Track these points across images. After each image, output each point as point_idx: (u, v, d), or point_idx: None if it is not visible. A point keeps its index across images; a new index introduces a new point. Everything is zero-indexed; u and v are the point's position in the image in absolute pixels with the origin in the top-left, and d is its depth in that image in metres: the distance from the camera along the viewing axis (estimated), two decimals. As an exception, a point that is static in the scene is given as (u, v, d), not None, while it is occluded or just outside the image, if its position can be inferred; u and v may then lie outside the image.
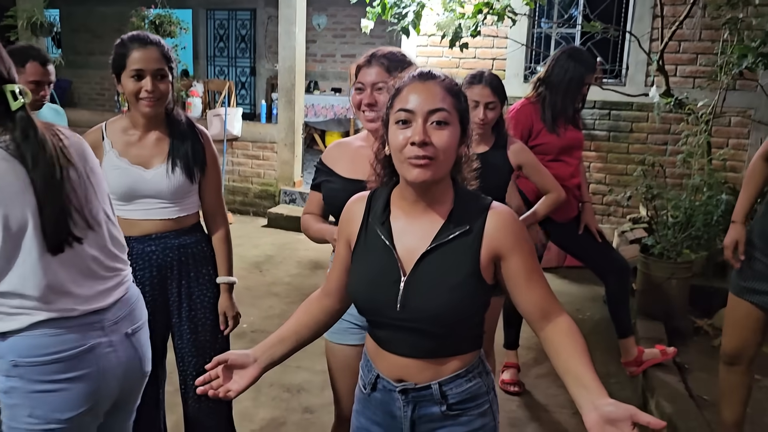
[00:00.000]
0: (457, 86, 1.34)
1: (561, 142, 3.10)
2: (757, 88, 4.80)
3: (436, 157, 1.28)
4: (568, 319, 1.33)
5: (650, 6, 5.14)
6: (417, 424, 1.41)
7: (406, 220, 1.38)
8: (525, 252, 1.33)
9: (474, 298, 1.33)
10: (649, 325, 3.71)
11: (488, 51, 5.63)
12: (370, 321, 1.45)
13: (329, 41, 9.17)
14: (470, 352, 1.40)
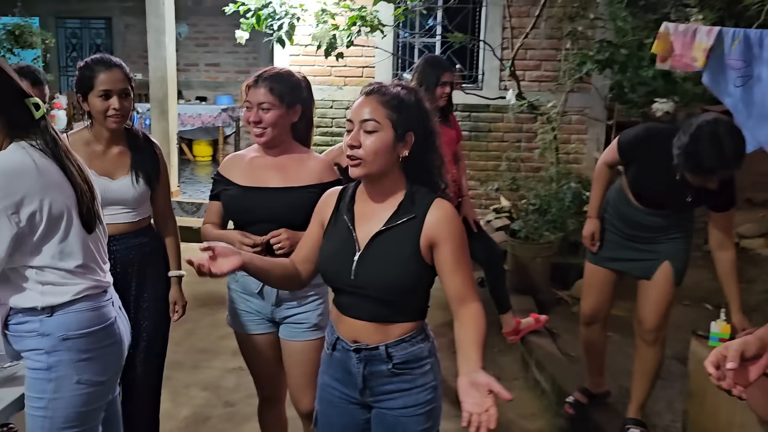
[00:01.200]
0: (396, 99, 1.60)
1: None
2: (592, 90, 5.56)
3: (364, 158, 1.58)
4: (478, 306, 1.63)
5: (500, 18, 5.75)
6: (368, 379, 1.69)
7: (365, 208, 1.68)
8: (456, 243, 1.61)
9: (414, 274, 1.62)
10: (520, 299, 4.24)
11: (358, 60, 5.99)
12: (333, 288, 1.74)
13: (192, 50, 9.11)
14: (413, 321, 1.69)
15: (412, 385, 1.68)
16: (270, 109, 2.12)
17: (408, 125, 1.61)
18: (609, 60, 4.31)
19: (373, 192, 1.67)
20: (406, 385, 1.68)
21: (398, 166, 1.64)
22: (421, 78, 3.39)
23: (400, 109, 1.60)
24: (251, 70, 9.15)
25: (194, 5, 8.83)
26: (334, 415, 1.78)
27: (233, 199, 2.18)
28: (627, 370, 3.36)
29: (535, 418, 3.23)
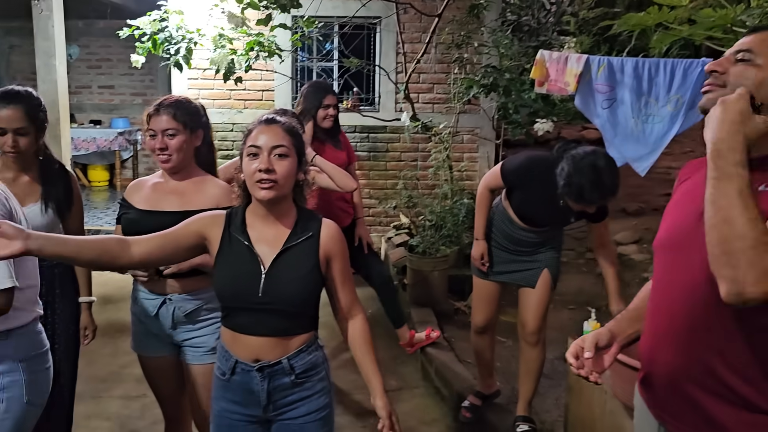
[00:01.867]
0: (294, 128, 1.80)
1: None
2: (481, 111, 5.91)
3: (278, 181, 1.72)
4: (363, 320, 1.88)
5: (394, 44, 6.02)
6: (272, 394, 1.79)
7: (260, 229, 1.80)
8: (344, 259, 1.83)
9: (314, 286, 1.80)
10: (420, 311, 4.44)
11: (258, 83, 6.07)
12: (231, 309, 1.80)
13: (84, 72, 8.84)
14: (310, 331, 1.84)
15: (312, 392, 1.82)
16: (175, 135, 2.22)
17: (302, 151, 1.80)
18: (493, 84, 4.63)
19: (271, 213, 1.79)
20: (307, 392, 1.81)
21: (291, 192, 1.80)
22: (305, 102, 3.62)
23: (297, 136, 1.78)
24: (148, 92, 9.00)
25: (86, 27, 8.60)
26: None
27: (130, 222, 2.25)
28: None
29: (436, 423, 3.40)
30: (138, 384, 3.72)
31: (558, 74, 3.90)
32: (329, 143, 3.70)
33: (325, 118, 3.61)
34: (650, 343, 1.49)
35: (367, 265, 3.83)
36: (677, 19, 3.08)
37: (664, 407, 1.46)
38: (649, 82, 3.64)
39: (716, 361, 1.32)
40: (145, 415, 3.39)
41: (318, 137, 3.64)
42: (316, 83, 3.82)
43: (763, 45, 1.32)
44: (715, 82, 1.36)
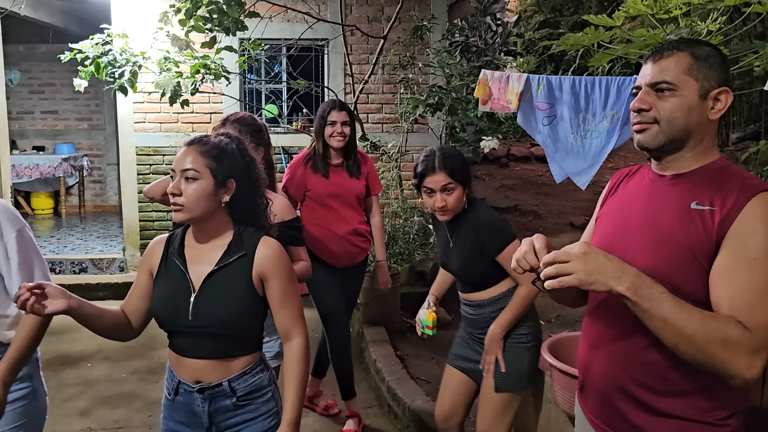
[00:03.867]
0: (216, 149, 1.72)
1: (328, 186, 3.28)
2: (429, 130, 6.00)
3: (185, 204, 1.70)
4: (301, 343, 1.77)
5: (342, 65, 6.07)
6: (214, 416, 1.77)
7: (195, 250, 1.78)
8: (284, 279, 1.74)
9: (249, 308, 1.74)
10: (373, 330, 4.43)
11: (206, 106, 6.04)
12: (169, 332, 1.80)
13: (25, 97, 8.63)
14: (252, 353, 1.80)
15: (256, 414, 1.78)
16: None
17: (229, 173, 1.73)
18: (439, 103, 4.72)
19: (201, 234, 1.78)
20: (250, 415, 1.78)
21: (223, 209, 1.76)
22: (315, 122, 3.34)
23: (220, 157, 1.72)
24: (93, 117, 8.85)
25: (27, 51, 8.42)
26: None
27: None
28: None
29: (390, 442, 3.40)
30: (82, 417, 3.63)
31: (500, 93, 3.99)
32: (341, 169, 3.33)
33: (332, 136, 3.24)
34: (586, 353, 1.54)
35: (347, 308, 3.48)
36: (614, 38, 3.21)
37: (598, 415, 1.50)
38: (586, 99, 3.76)
39: (639, 372, 1.38)
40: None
41: (327, 161, 3.29)
42: (328, 100, 3.41)
43: (679, 72, 1.37)
44: (644, 120, 1.40)
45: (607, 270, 1.22)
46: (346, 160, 3.35)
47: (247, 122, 2.40)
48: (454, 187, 2.26)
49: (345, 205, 3.34)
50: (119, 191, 8.43)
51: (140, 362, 4.44)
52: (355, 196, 3.38)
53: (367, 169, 3.47)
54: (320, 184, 3.28)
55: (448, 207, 2.27)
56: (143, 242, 6.23)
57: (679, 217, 1.35)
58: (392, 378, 3.68)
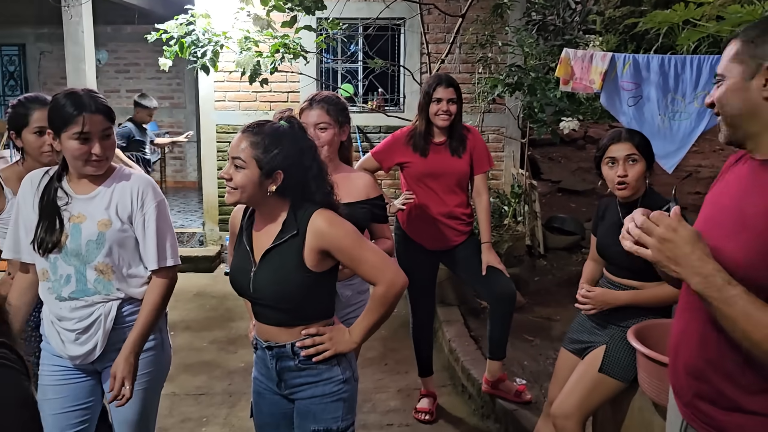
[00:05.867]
0: (266, 140, 1.74)
1: (425, 166, 3.14)
2: (506, 111, 5.90)
3: (236, 188, 1.75)
4: (379, 289, 1.79)
5: (418, 44, 6.03)
6: (281, 373, 1.88)
7: (260, 226, 1.86)
8: (345, 244, 1.76)
9: (302, 285, 1.77)
10: (447, 309, 4.44)
11: (283, 85, 6.13)
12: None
13: (112, 77, 9.00)
14: (317, 322, 1.84)
15: (318, 379, 1.85)
16: (326, 129, 2.37)
17: (275, 164, 1.74)
18: (518, 83, 4.62)
19: (260, 214, 1.85)
20: (313, 378, 1.86)
21: (276, 195, 1.78)
22: (421, 95, 3.20)
23: (268, 149, 1.74)
24: (175, 95, 9.14)
25: (114, 32, 8.75)
26: (263, 403, 1.98)
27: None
28: (548, 372, 3.59)
29: (462, 422, 3.41)
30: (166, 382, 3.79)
31: (583, 72, 3.88)
32: (444, 147, 3.15)
33: (437, 114, 3.07)
34: (676, 339, 1.51)
35: (485, 282, 3.21)
36: (704, 15, 3.05)
37: (685, 403, 1.47)
38: (676, 78, 3.61)
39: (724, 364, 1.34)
40: (174, 412, 3.46)
41: (428, 139, 3.13)
42: (434, 75, 3.23)
43: (726, 60, 1.37)
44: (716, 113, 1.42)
45: (682, 261, 1.22)
46: (450, 139, 3.14)
47: (333, 101, 2.43)
48: (637, 159, 2.24)
49: (443, 186, 3.17)
50: (198, 168, 8.72)
51: (219, 333, 4.61)
52: (457, 176, 3.17)
53: (473, 146, 3.20)
54: (418, 163, 3.13)
55: (629, 180, 2.24)
56: (222, 217, 6.42)
57: (766, 204, 1.28)
58: (466, 358, 3.68)
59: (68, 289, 1.95)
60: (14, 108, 2.32)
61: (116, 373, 1.95)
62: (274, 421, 1.96)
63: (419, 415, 3.37)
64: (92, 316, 1.96)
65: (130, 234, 1.99)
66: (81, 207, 1.96)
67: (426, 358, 3.46)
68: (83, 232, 1.93)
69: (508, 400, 3.24)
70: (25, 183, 2.02)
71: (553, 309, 4.65)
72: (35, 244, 1.93)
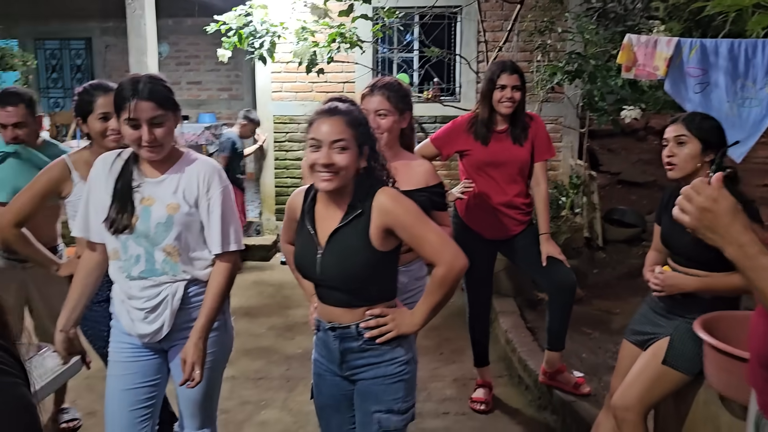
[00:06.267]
0: (354, 119, 1.77)
1: (486, 154, 3.09)
2: (564, 99, 5.78)
3: (338, 173, 1.75)
4: (439, 271, 1.78)
5: (475, 32, 5.97)
6: (344, 354, 1.89)
7: (322, 210, 1.87)
8: (406, 223, 1.77)
9: (369, 264, 1.79)
10: (503, 300, 4.40)
11: (339, 75, 6.17)
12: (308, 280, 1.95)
13: (173, 69, 9.23)
14: (382, 302, 1.86)
15: (381, 360, 1.86)
16: (386, 116, 2.38)
17: (363, 140, 1.79)
18: (578, 71, 4.53)
19: (327, 197, 1.85)
20: (375, 359, 1.86)
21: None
22: (483, 84, 3.14)
23: (357, 126, 1.77)
24: (233, 87, 9.32)
25: (175, 25, 8.97)
26: (323, 385, 2.00)
27: None
28: (606, 364, 3.53)
29: (518, 413, 3.38)
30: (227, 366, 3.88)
31: (646, 58, 3.77)
32: (506, 135, 3.09)
33: (500, 102, 3.01)
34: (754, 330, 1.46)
35: (545, 272, 3.15)
36: (777, -2, 2.92)
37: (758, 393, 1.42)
38: (746, 63, 3.47)
39: None
40: (234, 395, 3.53)
41: (490, 126, 3.07)
42: (497, 61, 3.18)
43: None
44: None
45: (721, 230, 1.21)
46: (512, 127, 3.08)
47: (394, 87, 2.43)
48: (685, 141, 2.18)
49: (504, 175, 3.11)
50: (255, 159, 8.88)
51: (277, 319, 4.68)
52: (518, 165, 3.11)
53: (535, 133, 3.13)
54: (479, 151, 3.09)
55: (676, 161, 2.20)
56: (278, 207, 6.52)
57: None
58: (523, 349, 3.64)
59: (138, 268, 2.01)
60: (80, 95, 2.40)
61: (186, 358, 2.00)
62: (335, 403, 1.98)
63: (475, 404, 3.36)
64: (160, 296, 2.02)
65: (196, 218, 2.04)
66: (151, 190, 2.01)
67: (482, 348, 3.44)
68: (153, 214, 1.99)
69: (566, 392, 3.18)
70: (98, 164, 2.08)
71: (613, 302, 4.55)
72: (107, 223, 1.99)
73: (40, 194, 2.39)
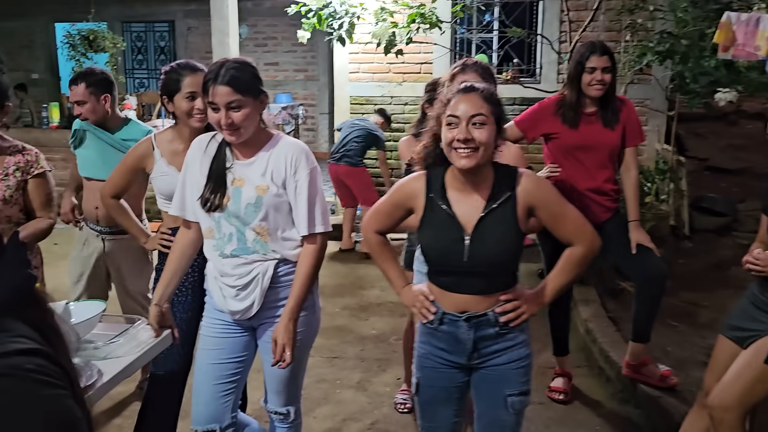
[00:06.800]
0: (491, 95, 1.78)
1: (575, 138, 2.96)
2: (652, 81, 5.53)
3: (477, 148, 1.74)
4: (578, 250, 1.84)
5: (558, 12, 5.77)
6: (477, 343, 1.86)
7: (460, 194, 1.83)
8: (549, 202, 1.82)
9: (516, 246, 1.82)
10: (583, 289, 4.27)
11: (416, 56, 6.10)
12: (437, 271, 1.89)
13: (251, 50, 9.38)
14: (513, 285, 1.87)
15: (514, 343, 1.86)
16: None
17: (501, 116, 1.79)
18: (670, 51, 4.31)
19: (469, 179, 1.81)
20: (509, 343, 1.86)
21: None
22: (569, 66, 3.03)
23: (495, 102, 1.78)
24: (309, 68, 9.40)
25: (254, 7, 9.10)
26: (436, 379, 1.95)
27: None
28: (694, 359, 3.38)
29: (599, 406, 3.27)
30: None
31: (747, 38, 3.54)
32: (596, 118, 2.96)
33: (590, 85, 2.88)
34: None
35: (634, 261, 3.02)
36: None
37: None
38: None
39: None
40: (309, 372, 3.58)
41: (579, 110, 2.94)
42: (587, 42, 3.07)
43: None
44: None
45: None
46: (603, 110, 2.94)
47: (484, 66, 2.41)
48: None
49: (593, 159, 2.99)
50: (330, 139, 8.95)
51: (351, 300, 4.72)
52: (608, 149, 2.99)
53: (627, 118, 3.00)
54: (567, 135, 2.96)
55: None
56: (353, 188, 6.53)
57: None
58: (605, 340, 3.53)
59: (230, 246, 2.05)
60: (167, 74, 2.42)
61: (277, 339, 2.03)
62: (447, 396, 1.96)
63: (554, 394, 3.27)
64: (251, 274, 2.05)
65: (285, 199, 2.05)
66: (241, 171, 2.04)
67: (563, 337, 3.35)
68: (243, 195, 2.02)
69: (652, 386, 3.05)
70: (194, 146, 2.13)
71: (700, 294, 4.34)
72: (201, 201, 2.04)
73: (130, 169, 2.55)
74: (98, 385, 1.84)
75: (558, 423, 3.12)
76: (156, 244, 2.55)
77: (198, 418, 2.14)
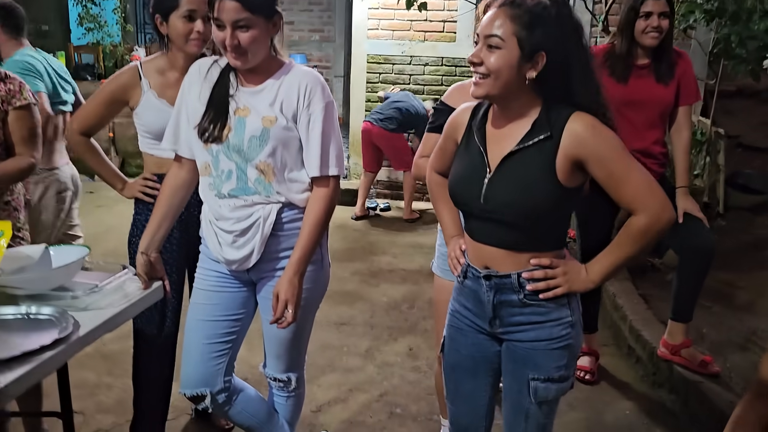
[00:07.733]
0: (529, 14, 1.40)
1: (624, 93, 2.68)
2: (693, 45, 5.17)
3: (487, 74, 1.43)
4: (639, 221, 1.44)
5: (594, -31, 5.40)
6: (498, 308, 1.57)
7: (497, 128, 1.54)
8: (605, 157, 1.43)
9: (548, 199, 1.46)
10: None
11: (440, 14, 5.77)
12: (463, 212, 1.66)
13: (266, 7, 9.07)
14: (550, 252, 1.53)
15: (546, 319, 1.54)
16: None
17: (539, 44, 1.41)
18: (719, 9, 3.95)
19: (504, 113, 1.53)
20: (538, 317, 1.54)
21: (530, 88, 1.46)
22: (622, 12, 2.72)
23: (532, 25, 1.41)
24: (325, 28, 9.05)
25: (270, -39, 8.75)
26: (461, 341, 1.69)
27: None
28: (731, 341, 3.13)
29: (628, 387, 3.02)
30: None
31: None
32: (648, 72, 2.68)
33: (644, 32, 2.60)
34: None
35: (680, 231, 2.66)
36: None
37: None
38: None
39: None
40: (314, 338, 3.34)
41: (630, 62, 2.67)
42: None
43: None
44: None
45: None
46: (656, 62, 2.66)
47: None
48: None
49: (643, 117, 2.70)
50: (344, 102, 8.63)
51: (361, 265, 4.47)
52: (660, 107, 2.71)
53: (683, 72, 2.72)
54: (615, 90, 2.60)
55: None
56: (367, 151, 6.25)
57: None
58: (635, 317, 3.26)
59: (228, 185, 1.78)
60: None
61: (279, 294, 1.77)
62: (472, 365, 1.69)
63: (579, 373, 3.00)
64: (251, 218, 1.78)
65: (295, 134, 1.78)
66: (246, 100, 1.77)
67: (593, 312, 3.06)
68: (247, 126, 1.75)
69: (691, 370, 2.77)
70: (193, 70, 1.85)
71: (735, 274, 4.05)
72: (198, 130, 1.77)
73: (105, 101, 2.17)
74: (73, 338, 1.59)
75: (584, 404, 2.87)
76: (136, 191, 2.20)
77: (187, 381, 1.90)
